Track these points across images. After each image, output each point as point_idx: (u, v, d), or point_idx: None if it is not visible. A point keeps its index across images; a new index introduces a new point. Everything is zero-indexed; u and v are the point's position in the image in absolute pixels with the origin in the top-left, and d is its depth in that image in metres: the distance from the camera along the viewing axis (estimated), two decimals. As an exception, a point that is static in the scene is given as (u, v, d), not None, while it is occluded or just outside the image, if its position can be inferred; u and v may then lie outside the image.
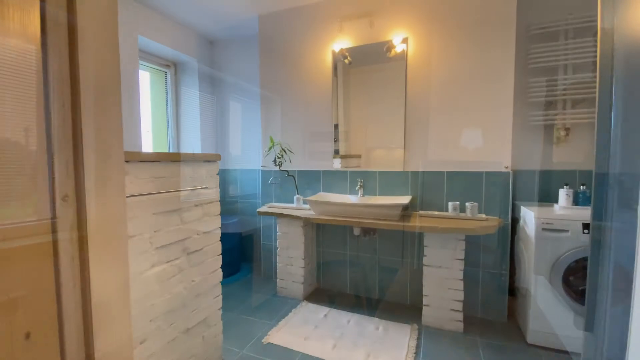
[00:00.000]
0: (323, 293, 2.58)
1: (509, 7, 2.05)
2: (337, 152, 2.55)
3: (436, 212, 2.20)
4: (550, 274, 1.77)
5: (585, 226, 1.70)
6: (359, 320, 2.14)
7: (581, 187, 1.92)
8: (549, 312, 1.79)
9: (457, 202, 2.13)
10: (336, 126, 2.55)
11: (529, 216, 1.89)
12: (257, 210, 2.49)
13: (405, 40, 2.30)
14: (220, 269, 1.67)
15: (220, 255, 1.66)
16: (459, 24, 2.16)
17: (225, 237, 2.97)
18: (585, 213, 1.80)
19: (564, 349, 1.77)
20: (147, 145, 3.09)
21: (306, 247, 2.46)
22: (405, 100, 2.32)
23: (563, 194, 1.94)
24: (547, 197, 2.26)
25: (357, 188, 2.42)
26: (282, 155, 2.56)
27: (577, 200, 1.92)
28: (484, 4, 2.10)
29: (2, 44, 0.49)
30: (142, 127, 2.59)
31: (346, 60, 2.47)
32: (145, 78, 3.04)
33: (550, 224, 1.77)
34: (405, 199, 2.21)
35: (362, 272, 2.53)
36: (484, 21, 2.10)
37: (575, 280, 1.79)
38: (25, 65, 0.51)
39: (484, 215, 2.10)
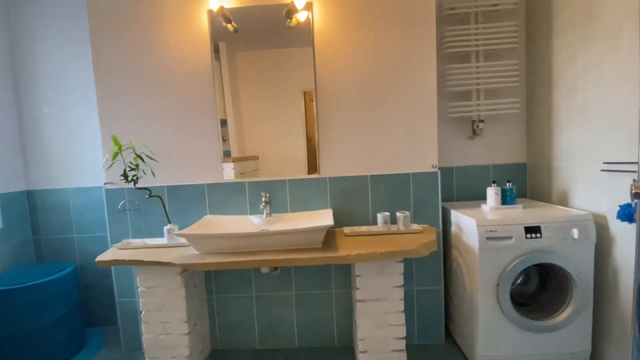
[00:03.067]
0: (223, 357, 1.81)
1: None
2: (227, 154, 1.82)
3: (364, 228, 1.74)
4: (497, 289, 1.52)
5: (528, 230, 1.50)
6: (278, 397, 1.49)
7: (507, 184, 1.77)
8: (497, 332, 1.54)
9: (387, 213, 1.71)
10: (224, 122, 1.81)
11: (466, 223, 1.61)
12: (96, 259, 1.50)
13: (309, 6, 1.74)
14: None
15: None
16: (374, -9, 1.73)
17: (55, 300, 1.83)
18: (518, 213, 1.63)
19: (519, 374, 1.57)
20: None
21: (189, 302, 1.63)
22: (316, 89, 1.78)
23: (492, 193, 1.75)
24: (467, 196, 2.10)
25: (261, 206, 1.74)
26: (137, 165, 1.64)
27: (505, 198, 1.76)
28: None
29: None
30: None
31: (230, 26, 1.75)
32: None
33: (494, 231, 1.51)
34: (327, 216, 1.65)
35: (275, 317, 1.88)
36: (401, -10, 1.72)
37: (523, 293, 1.62)
38: None
39: (416, 226, 1.74)
